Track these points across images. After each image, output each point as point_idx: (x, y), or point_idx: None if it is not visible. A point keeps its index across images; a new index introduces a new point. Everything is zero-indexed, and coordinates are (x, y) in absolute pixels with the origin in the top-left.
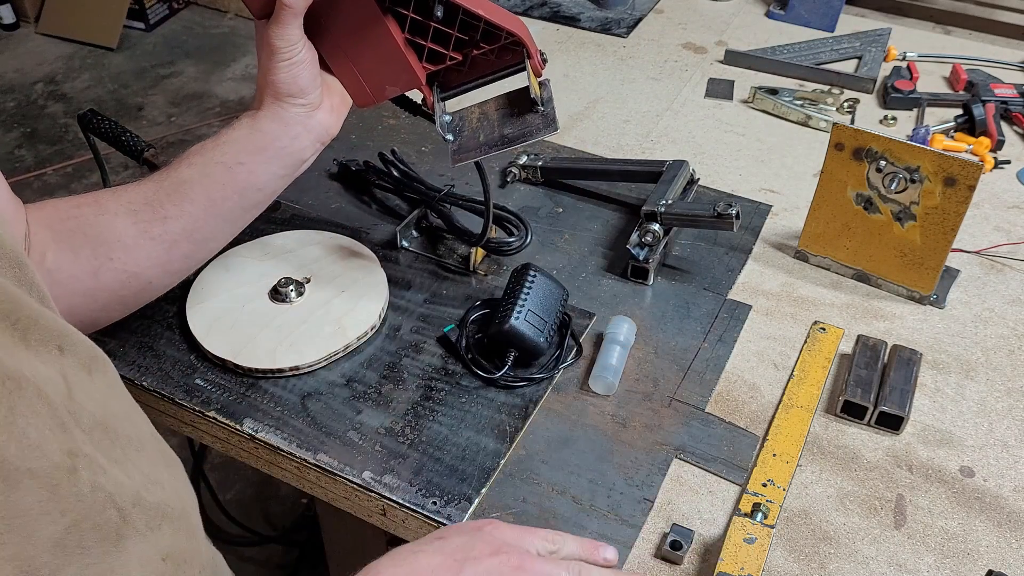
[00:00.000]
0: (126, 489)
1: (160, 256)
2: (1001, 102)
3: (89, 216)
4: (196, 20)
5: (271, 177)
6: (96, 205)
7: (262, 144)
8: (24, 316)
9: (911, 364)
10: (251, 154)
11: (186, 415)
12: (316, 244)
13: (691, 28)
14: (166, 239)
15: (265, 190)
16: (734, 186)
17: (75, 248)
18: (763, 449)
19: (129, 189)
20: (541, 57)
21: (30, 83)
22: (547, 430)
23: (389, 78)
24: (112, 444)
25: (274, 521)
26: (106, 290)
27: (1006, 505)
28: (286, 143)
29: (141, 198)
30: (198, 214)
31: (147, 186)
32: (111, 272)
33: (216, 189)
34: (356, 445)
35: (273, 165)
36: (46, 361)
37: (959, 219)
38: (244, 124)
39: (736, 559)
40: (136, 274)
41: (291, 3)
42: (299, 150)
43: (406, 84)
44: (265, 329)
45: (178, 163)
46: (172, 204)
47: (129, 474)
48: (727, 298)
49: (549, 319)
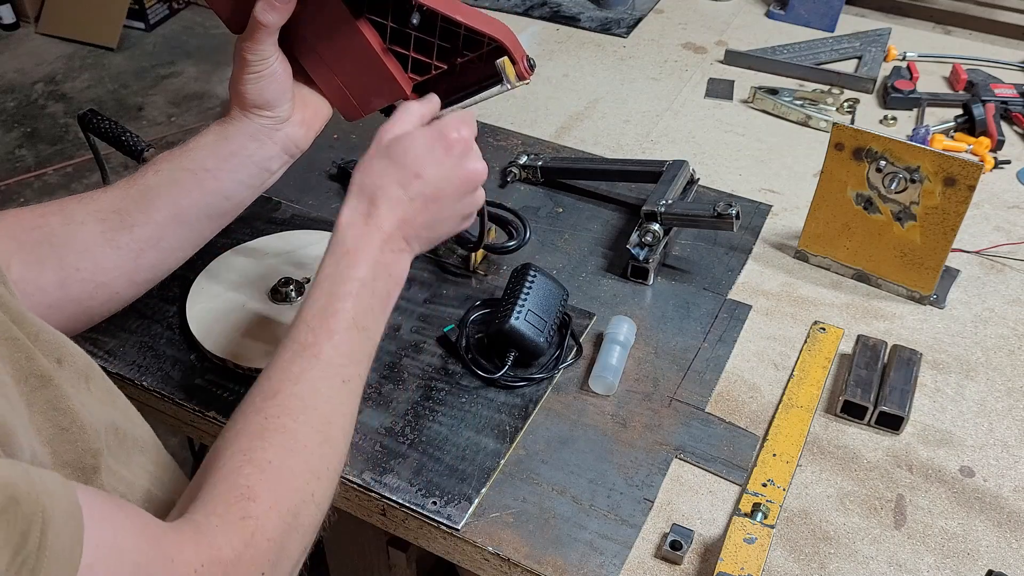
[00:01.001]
0: (136, 489)
1: (127, 265)
2: (1001, 102)
3: (56, 226)
4: (196, 20)
5: (237, 185)
6: (62, 214)
7: (229, 151)
8: (30, 324)
9: (911, 364)
10: (218, 161)
11: (186, 415)
12: (316, 244)
13: (691, 28)
14: (133, 248)
15: (232, 199)
16: (734, 186)
17: (41, 259)
18: (763, 449)
19: (96, 196)
20: (528, 63)
21: (30, 83)
22: (547, 430)
23: (373, 89)
24: (119, 446)
25: None
26: (73, 301)
27: (1006, 505)
28: (252, 152)
29: (108, 206)
30: (165, 222)
31: (114, 193)
32: (78, 283)
33: (183, 196)
34: (356, 445)
35: (240, 173)
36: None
37: (959, 219)
38: (213, 131)
39: (736, 559)
40: (103, 284)
41: (265, 21)
42: (265, 159)
43: (391, 94)
44: (265, 330)
45: (145, 170)
46: (139, 212)
47: (136, 475)
48: (727, 298)
49: (549, 319)
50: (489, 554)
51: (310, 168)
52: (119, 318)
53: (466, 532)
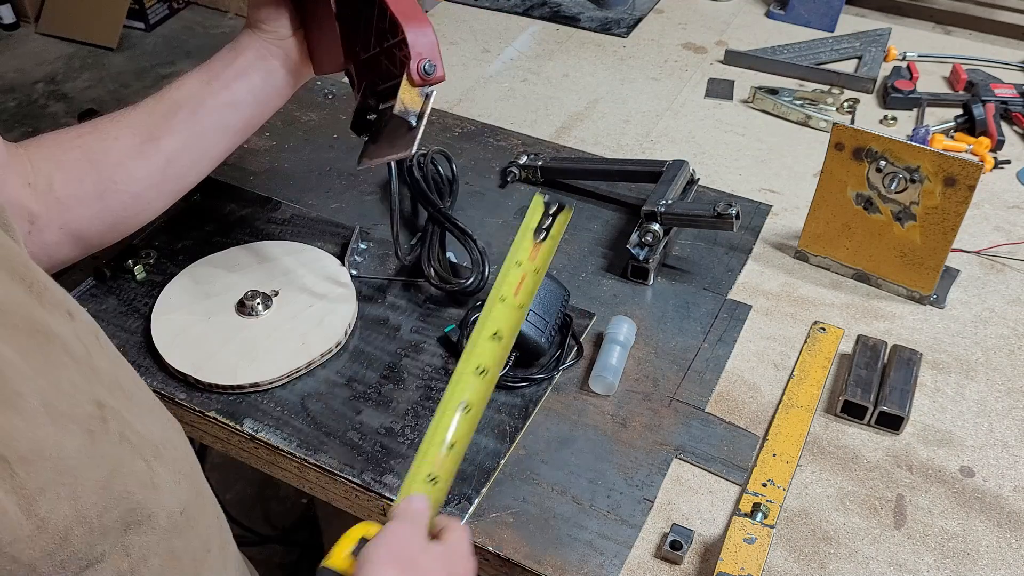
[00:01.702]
0: (147, 442)
1: (156, 176)
2: (1001, 102)
3: (92, 143)
4: (196, 20)
5: (247, 95)
6: (96, 132)
7: (238, 61)
8: (37, 280)
9: (911, 364)
10: (226, 68)
11: (186, 415)
12: (288, 256)
13: (691, 28)
14: (160, 159)
15: (240, 109)
16: (734, 186)
17: (80, 175)
18: (763, 449)
19: (127, 113)
20: (422, 68)
21: (30, 83)
22: (547, 430)
23: (326, 51)
24: (129, 402)
25: (274, 521)
26: (111, 211)
27: (1006, 505)
28: (256, 63)
29: (138, 121)
30: (186, 134)
31: (143, 109)
32: (115, 195)
33: (198, 107)
34: (356, 445)
35: (248, 82)
36: (60, 323)
37: (959, 219)
38: (227, 47)
39: (736, 559)
40: (137, 194)
41: None
42: (270, 71)
43: (333, 64)
44: (229, 343)
45: (170, 85)
46: (166, 125)
47: (149, 430)
48: (727, 298)
49: (550, 319)
50: (489, 554)
51: (310, 168)
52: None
53: None
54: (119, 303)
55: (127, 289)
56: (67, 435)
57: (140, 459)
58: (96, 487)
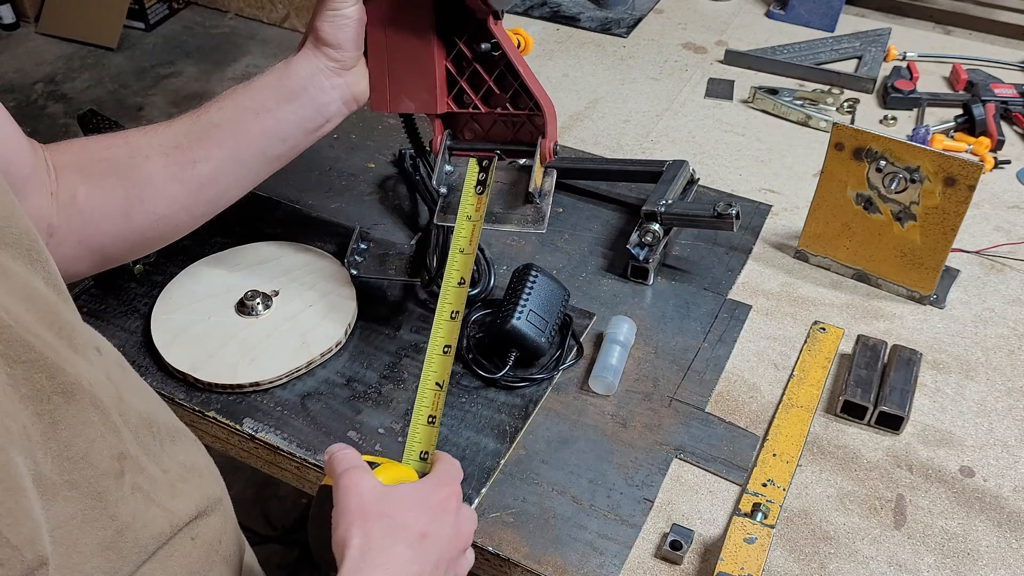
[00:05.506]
0: (165, 482)
1: (187, 200)
2: (1001, 102)
3: (121, 157)
4: (196, 20)
5: (294, 128)
6: (127, 146)
7: (290, 90)
8: (65, 323)
9: (911, 364)
10: (279, 101)
11: (186, 415)
12: (288, 256)
13: (691, 28)
14: (194, 183)
15: (287, 141)
16: (734, 186)
17: (107, 190)
18: (763, 449)
19: (160, 130)
20: (553, 148)
21: (30, 83)
22: (547, 430)
23: (411, 91)
24: (153, 439)
25: (274, 521)
26: (135, 231)
27: (1006, 505)
28: (314, 93)
29: (171, 141)
30: (224, 160)
31: (178, 127)
32: (142, 215)
33: (242, 135)
34: (356, 445)
35: (298, 114)
36: (93, 363)
37: (959, 219)
38: (277, 69)
39: (736, 559)
40: (165, 216)
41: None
42: (325, 103)
43: (422, 106)
44: (229, 343)
45: (208, 106)
46: (201, 148)
47: (165, 468)
48: (727, 298)
49: (550, 319)
50: (489, 554)
51: (310, 168)
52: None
53: None
54: (119, 303)
55: (127, 288)
56: (59, 503)
57: (155, 505)
58: (97, 549)
